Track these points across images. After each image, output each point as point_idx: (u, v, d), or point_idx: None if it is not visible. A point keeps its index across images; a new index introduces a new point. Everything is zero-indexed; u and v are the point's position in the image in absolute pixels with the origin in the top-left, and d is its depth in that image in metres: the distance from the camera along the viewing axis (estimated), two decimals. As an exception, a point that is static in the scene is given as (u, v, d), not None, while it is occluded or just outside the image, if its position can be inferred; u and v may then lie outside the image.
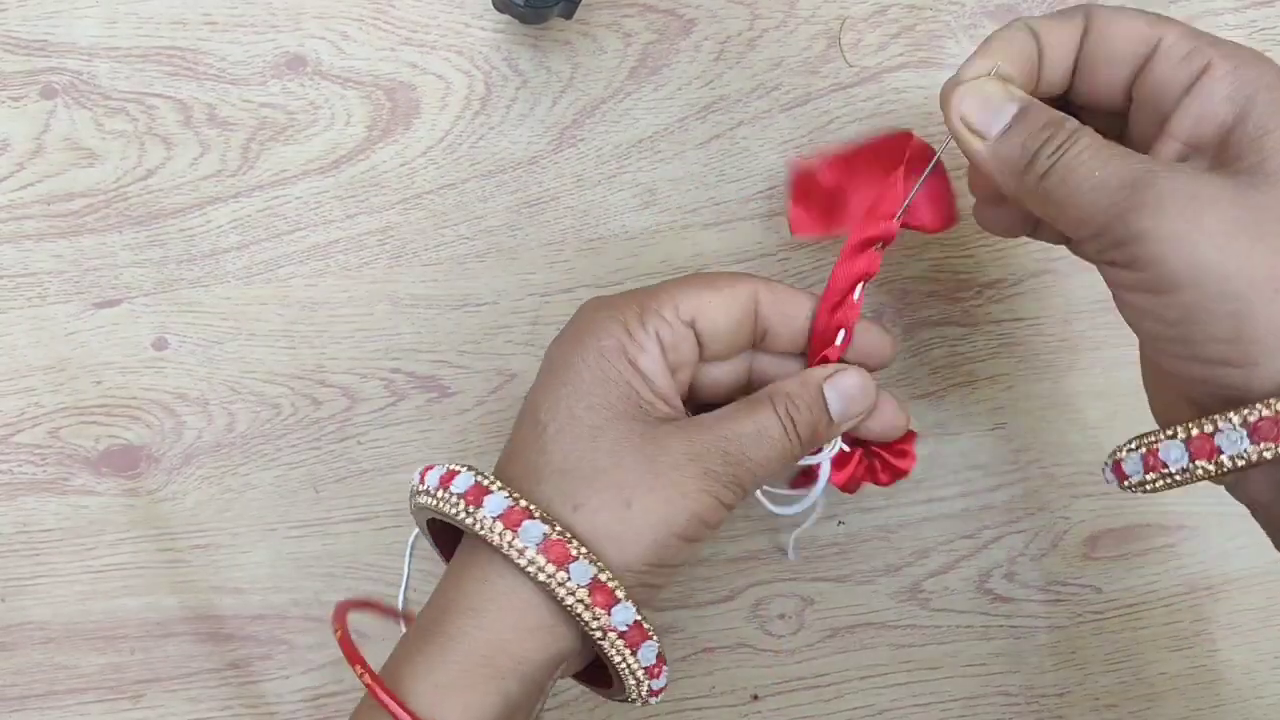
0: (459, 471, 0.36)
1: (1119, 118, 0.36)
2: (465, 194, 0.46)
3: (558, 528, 0.34)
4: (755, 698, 0.47)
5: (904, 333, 0.47)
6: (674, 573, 0.37)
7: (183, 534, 0.46)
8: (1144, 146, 0.34)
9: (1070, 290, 0.47)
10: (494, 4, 0.44)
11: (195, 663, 0.46)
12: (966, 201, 0.41)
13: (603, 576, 0.34)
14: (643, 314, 0.37)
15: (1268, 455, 0.30)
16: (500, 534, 0.34)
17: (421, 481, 0.37)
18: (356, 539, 0.46)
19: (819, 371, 0.38)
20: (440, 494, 0.36)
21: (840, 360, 0.39)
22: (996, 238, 0.47)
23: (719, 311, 0.38)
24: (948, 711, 0.48)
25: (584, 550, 0.34)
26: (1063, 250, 0.47)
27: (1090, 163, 0.32)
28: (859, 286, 0.39)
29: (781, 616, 0.47)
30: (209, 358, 0.46)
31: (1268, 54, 0.47)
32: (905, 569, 0.48)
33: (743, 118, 0.47)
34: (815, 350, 0.39)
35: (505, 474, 0.37)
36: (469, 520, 0.35)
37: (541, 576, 0.34)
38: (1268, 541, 0.35)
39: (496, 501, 0.35)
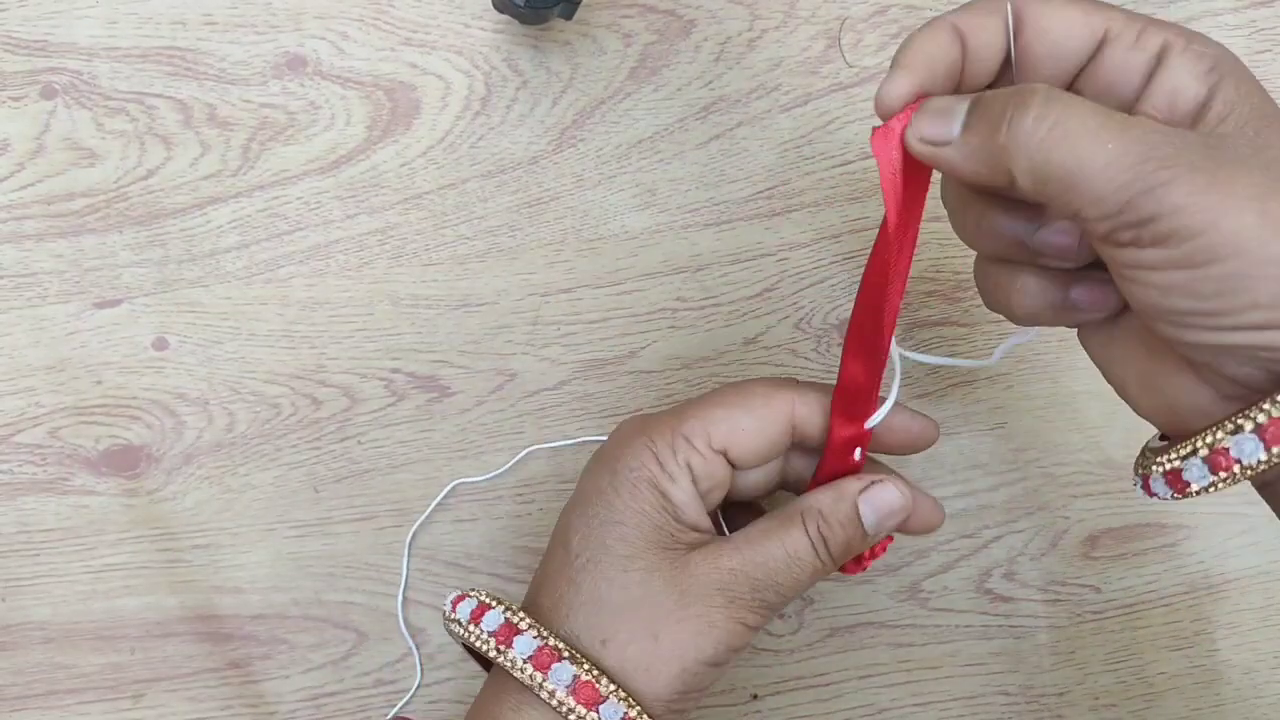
0: (491, 607, 0.37)
1: None
2: (465, 194, 0.46)
3: (586, 667, 0.34)
4: (755, 697, 0.47)
5: (904, 333, 0.47)
6: (702, 696, 0.37)
7: (183, 534, 0.46)
8: None
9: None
10: (494, 4, 0.44)
11: (195, 662, 0.46)
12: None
13: (633, 713, 0.34)
14: (674, 442, 0.37)
15: None
16: (531, 676, 0.35)
17: (453, 610, 0.37)
18: (356, 539, 0.46)
19: (853, 485, 0.37)
20: (472, 629, 0.36)
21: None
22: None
23: (752, 439, 0.37)
24: (947, 711, 0.48)
25: (614, 688, 0.34)
26: (1062, 250, 0.47)
27: (1093, 131, 0.29)
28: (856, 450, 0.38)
29: (781, 616, 0.47)
30: (209, 358, 0.46)
31: (1268, 54, 0.48)
32: (905, 569, 0.48)
33: (743, 118, 0.47)
34: (830, 461, 0.38)
35: (535, 604, 0.37)
36: (501, 660, 0.35)
37: (573, 718, 0.34)
38: (1267, 541, 0.35)
39: (525, 643, 0.35)
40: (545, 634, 0.35)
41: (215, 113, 0.46)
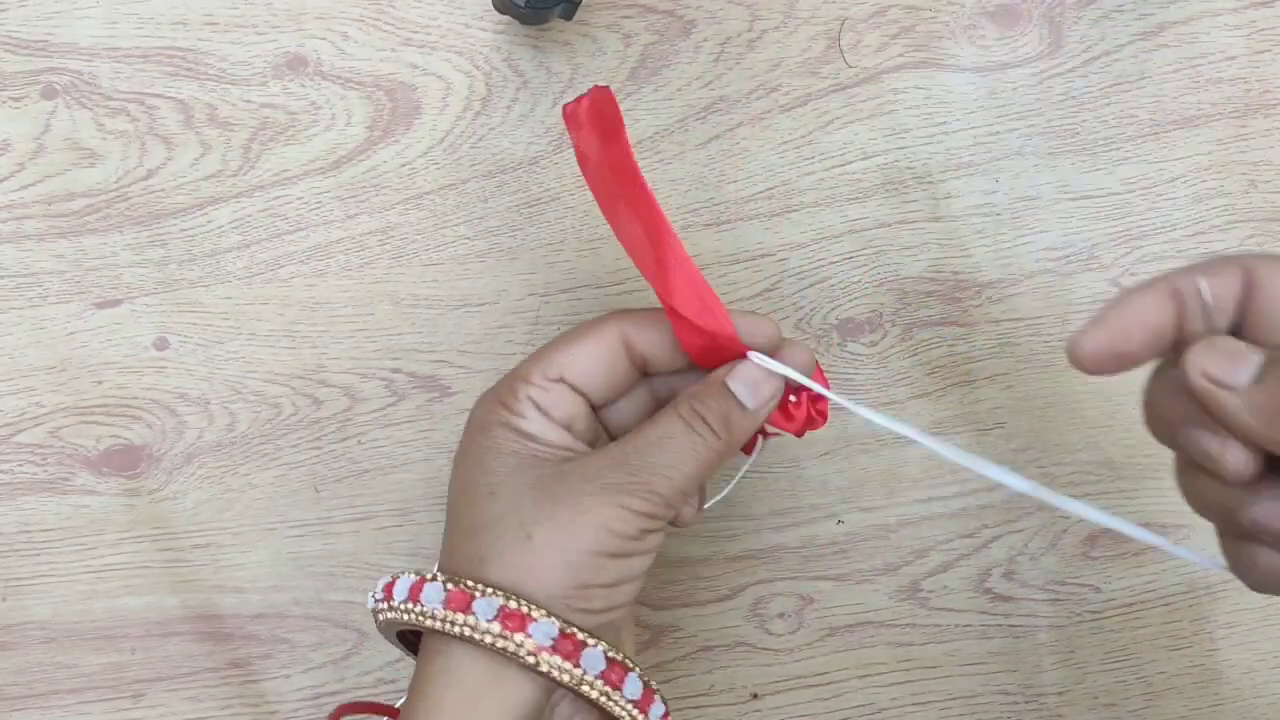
0: (397, 579, 0.37)
1: None
2: (466, 194, 0.46)
3: (459, 582, 0.35)
4: (755, 696, 0.47)
5: (904, 333, 0.47)
6: (618, 592, 0.36)
7: (183, 533, 0.46)
8: None
9: (1070, 290, 0.47)
10: (494, 5, 0.44)
11: (195, 662, 0.46)
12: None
13: (511, 604, 0.34)
14: (513, 386, 0.38)
15: None
16: (408, 609, 0.35)
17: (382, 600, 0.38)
18: (357, 539, 0.46)
19: (718, 372, 0.38)
20: (379, 603, 0.37)
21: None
22: (996, 237, 0.47)
23: (585, 361, 0.38)
24: (947, 710, 0.48)
25: (484, 590, 0.34)
26: (1063, 249, 0.47)
27: None
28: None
29: (781, 615, 0.47)
30: (210, 358, 0.46)
31: (1267, 54, 0.48)
32: (904, 568, 0.48)
33: (743, 118, 0.47)
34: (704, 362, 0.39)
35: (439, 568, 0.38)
36: (388, 614, 0.36)
37: (454, 628, 0.34)
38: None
39: (403, 584, 0.36)
40: (421, 571, 0.36)
41: (216, 113, 0.46)
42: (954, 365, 0.48)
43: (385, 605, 0.36)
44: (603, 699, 0.35)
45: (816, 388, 0.38)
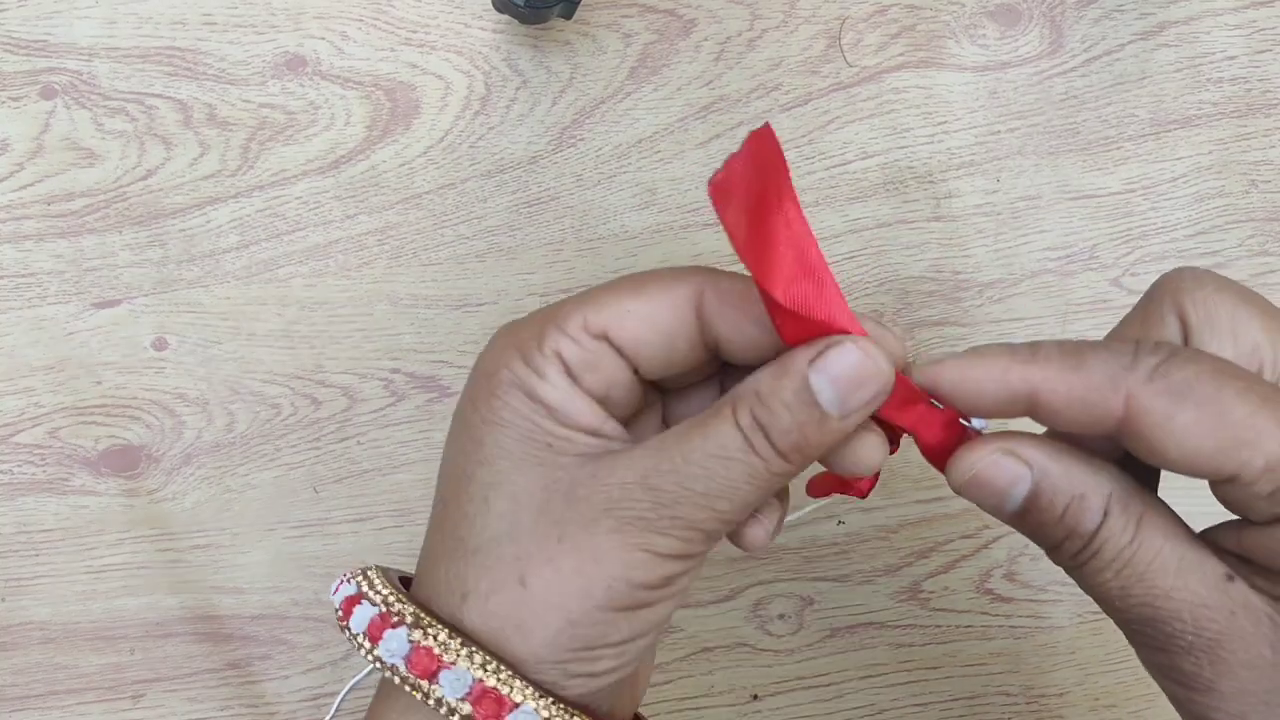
0: (345, 580, 0.31)
1: None
2: (465, 194, 0.46)
3: (429, 630, 0.27)
4: (755, 697, 0.47)
5: (905, 333, 0.47)
6: (630, 649, 0.29)
7: (182, 534, 0.46)
8: None
9: (1070, 290, 0.47)
10: (494, 4, 0.44)
11: (195, 663, 0.46)
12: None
13: (489, 679, 0.27)
14: (542, 331, 0.29)
15: None
16: (365, 649, 0.28)
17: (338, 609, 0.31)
18: (356, 539, 0.46)
19: (802, 354, 0.27)
20: (339, 618, 0.30)
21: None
22: (997, 237, 0.47)
23: (640, 322, 0.28)
24: (948, 711, 0.48)
25: (463, 651, 0.27)
26: (1063, 250, 0.47)
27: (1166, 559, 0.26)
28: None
29: (781, 616, 0.47)
30: (209, 358, 0.46)
31: (1268, 54, 0.48)
32: (905, 569, 0.48)
33: (743, 118, 0.47)
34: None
35: (417, 572, 0.31)
36: (347, 638, 0.29)
37: (416, 693, 0.27)
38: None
39: (363, 612, 0.29)
40: (388, 599, 0.28)
41: (215, 113, 0.45)
42: (954, 365, 0.47)
43: (343, 628, 0.29)
44: None
45: (979, 425, 0.29)
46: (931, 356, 0.28)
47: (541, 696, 0.27)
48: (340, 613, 0.29)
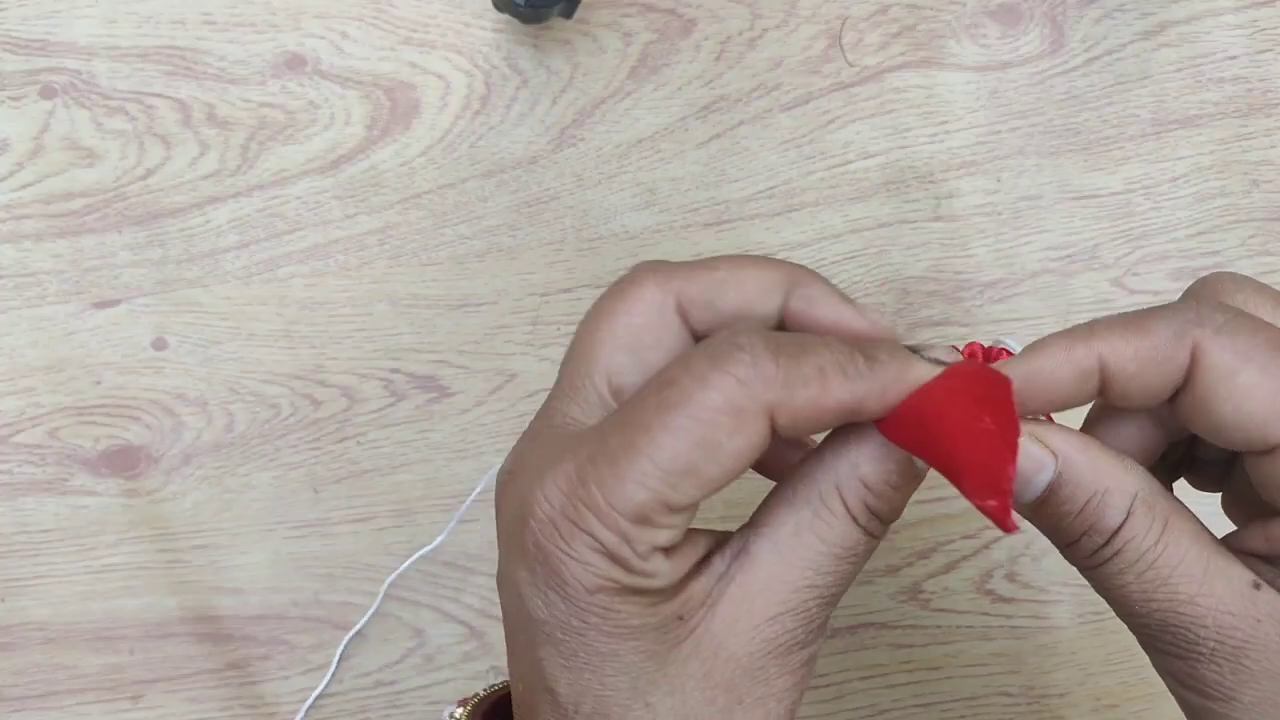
0: None
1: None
2: (465, 194, 0.46)
3: None
4: (755, 698, 0.47)
5: (906, 333, 0.47)
6: None
7: (182, 534, 0.46)
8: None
9: (1070, 290, 0.47)
10: (494, 3, 0.44)
11: (194, 663, 0.46)
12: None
13: None
14: (624, 534, 0.24)
15: None
16: None
17: None
18: (356, 539, 0.46)
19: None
20: None
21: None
22: (998, 236, 0.47)
23: (734, 460, 0.25)
24: (949, 712, 0.48)
25: None
26: (1064, 250, 0.47)
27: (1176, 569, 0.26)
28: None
29: (782, 617, 0.47)
30: (208, 358, 0.46)
31: (1269, 54, 0.48)
32: (905, 569, 0.47)
33: (743, 117, 0.47)
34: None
35: None
36: None
37: None
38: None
39: None
40: None
41: (214, 112, 0.45)
42: (955, 365, 0.47)
43: None
44: None
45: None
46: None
47: None
48: None
